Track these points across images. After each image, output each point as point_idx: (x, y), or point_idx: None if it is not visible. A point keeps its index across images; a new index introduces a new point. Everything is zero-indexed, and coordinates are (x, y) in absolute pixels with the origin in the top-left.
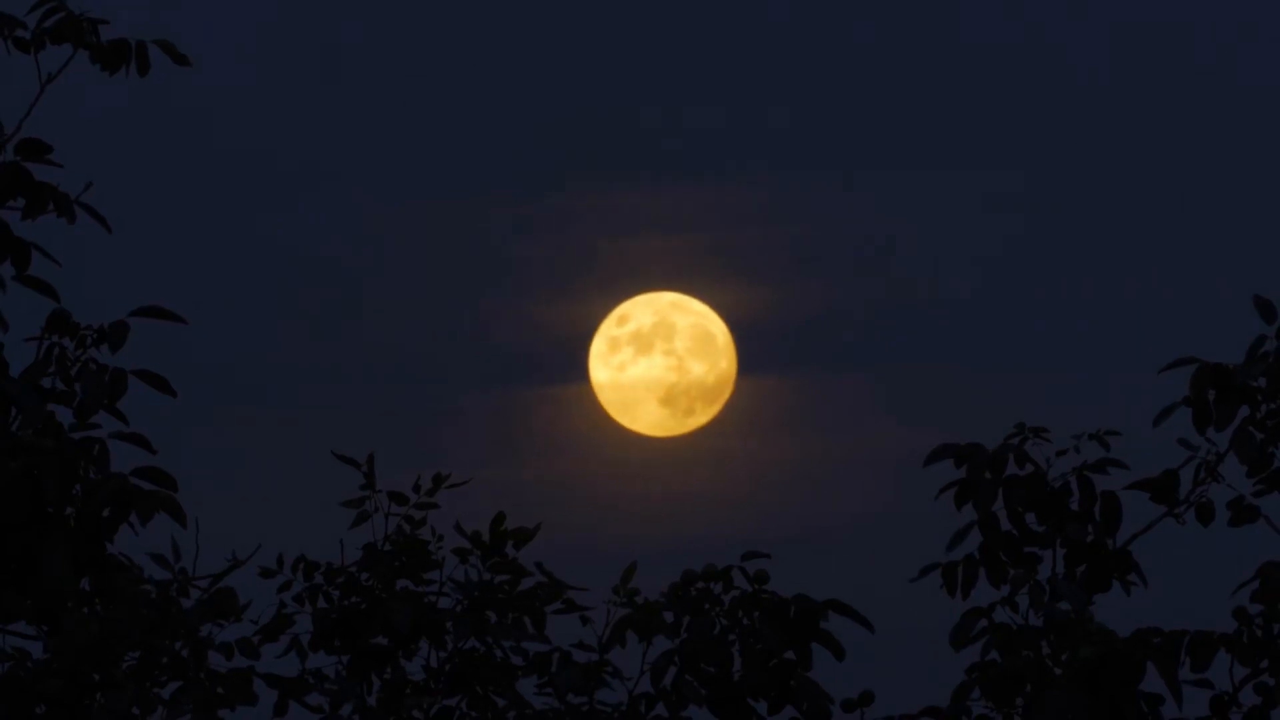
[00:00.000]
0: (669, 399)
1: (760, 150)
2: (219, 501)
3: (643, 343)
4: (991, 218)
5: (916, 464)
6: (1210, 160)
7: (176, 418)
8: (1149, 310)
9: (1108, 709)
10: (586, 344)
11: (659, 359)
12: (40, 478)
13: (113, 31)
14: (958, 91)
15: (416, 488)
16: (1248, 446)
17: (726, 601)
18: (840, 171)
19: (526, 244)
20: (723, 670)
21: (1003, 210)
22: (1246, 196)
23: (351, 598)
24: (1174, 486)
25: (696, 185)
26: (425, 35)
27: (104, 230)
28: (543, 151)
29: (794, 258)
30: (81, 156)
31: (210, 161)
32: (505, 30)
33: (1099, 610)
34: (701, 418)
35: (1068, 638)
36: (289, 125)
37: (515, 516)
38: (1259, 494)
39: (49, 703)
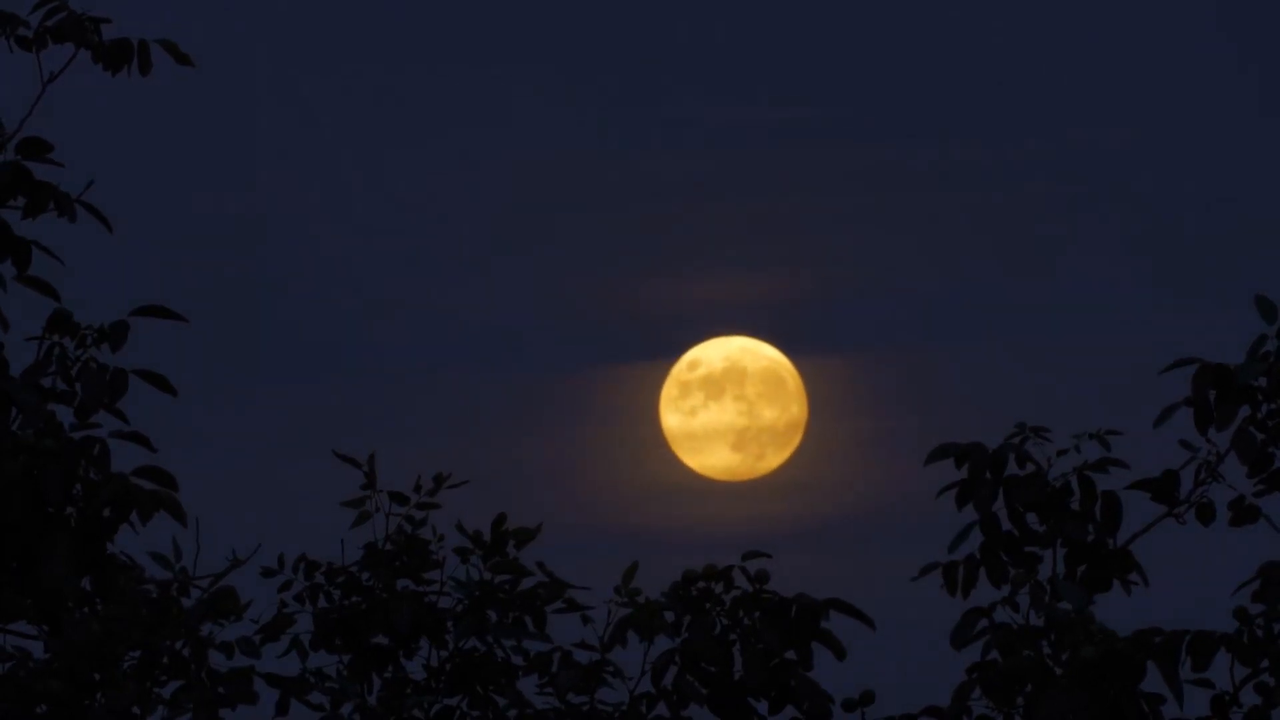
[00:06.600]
0: (740, 443)
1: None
2: (219, 501)
3: (713, 387)
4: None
5: (918, 460)
6: (1209, 158)
7: (177, 417)
8: (1150, 310)
9: (1108, 709)
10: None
11: (730, 404)
12: (40, 478)
13: (115, 30)
14: (992, 69)
15: (417, 488)
16: (1248, 446)
17: (727, 601)
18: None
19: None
20: (723, 670)
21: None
22: (1247, 195)
23: (352, 597)
24: (1174, 486)
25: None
26: (430, 36)
27: (105, 229)
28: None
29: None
30: (83, 156)
31: (212, 160)
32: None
33: (1099, 610)
34: (773, 461)
35: (1068, 637)
36: (291, 123)
37: (548, 521)
38: (1259, 494)
39: (49, 703)
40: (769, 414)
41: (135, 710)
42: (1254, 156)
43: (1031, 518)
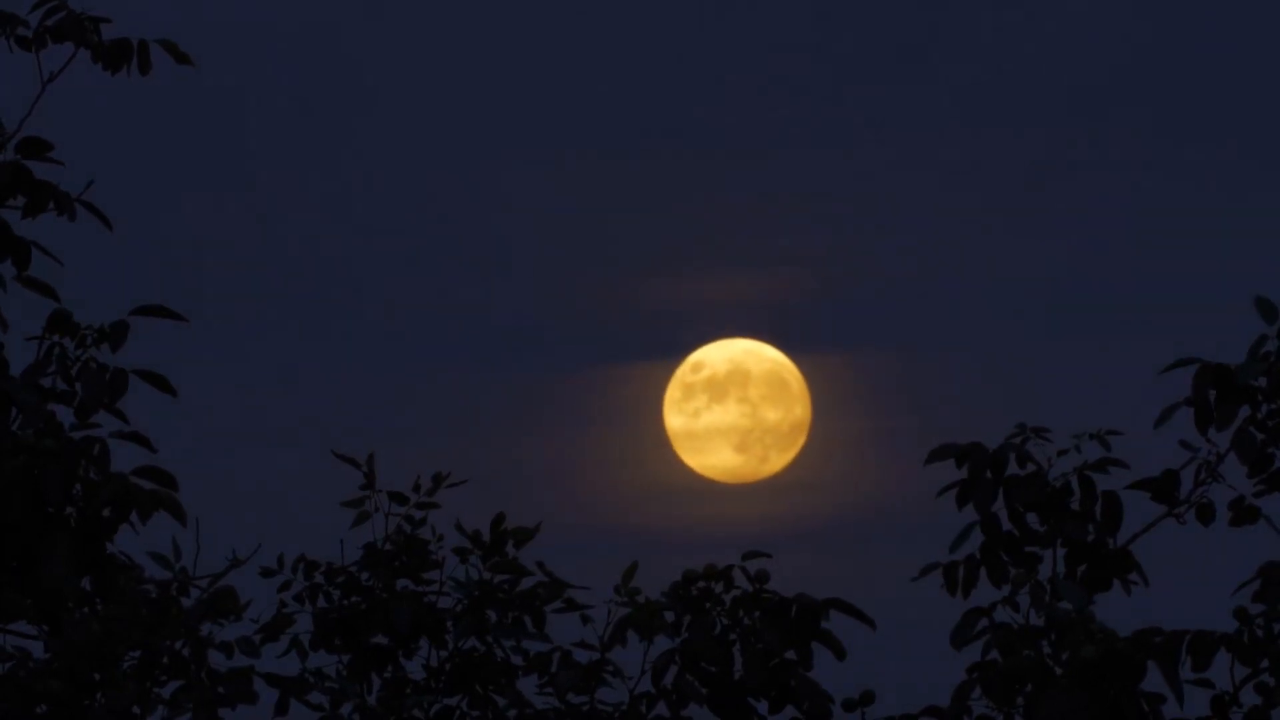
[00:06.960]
0: (743, 445)
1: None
2: (219, 501)
3: (717, 389)
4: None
5: (918, 459)
6: (1207, 157)
7: (177, 416)
8: (1150, 309)
9: (1109, 708)
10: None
11: (733, 406)
12: (40, 478)
13: (115, 30)
14: (991, 69)
15: (416, 488)
16: (1248, 447)
17: (727, 601)
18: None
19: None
20: (723, 670)
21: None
22: (1247, 193)
23: (352, 597)
24: (1175, 486)
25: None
26: (429, 35)
27: (105, 229)
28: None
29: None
30: (83, 156)
31: (211, 160)
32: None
33: (1099, 610)
34: (777, 464)
35: (1069, 637)
36: (291, 123)
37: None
38: (1259, 494)
39: (49, 703)
40: (772, 416)
41: (135, 710)
42: (1253, 157)
43: (1032, 518)
